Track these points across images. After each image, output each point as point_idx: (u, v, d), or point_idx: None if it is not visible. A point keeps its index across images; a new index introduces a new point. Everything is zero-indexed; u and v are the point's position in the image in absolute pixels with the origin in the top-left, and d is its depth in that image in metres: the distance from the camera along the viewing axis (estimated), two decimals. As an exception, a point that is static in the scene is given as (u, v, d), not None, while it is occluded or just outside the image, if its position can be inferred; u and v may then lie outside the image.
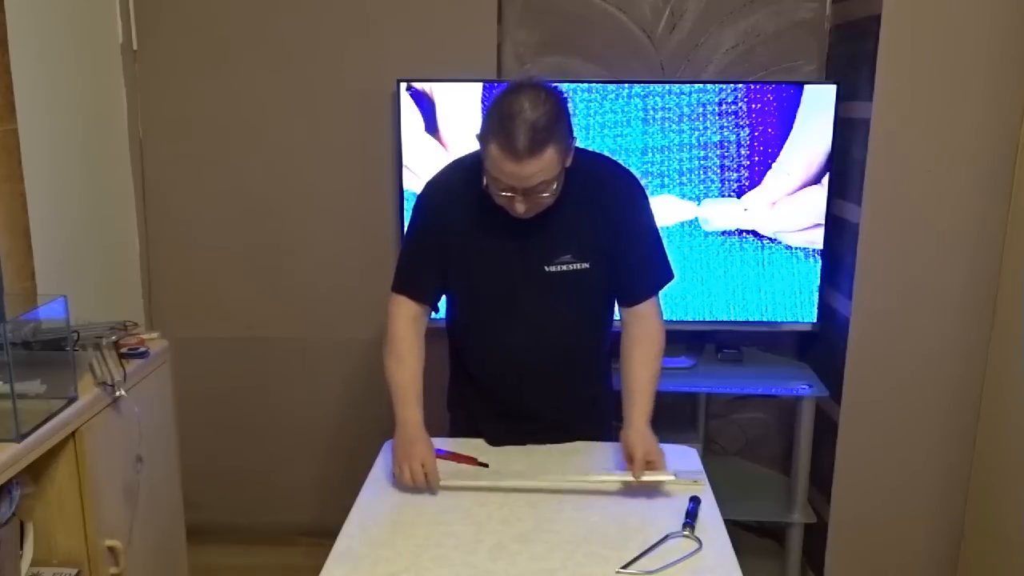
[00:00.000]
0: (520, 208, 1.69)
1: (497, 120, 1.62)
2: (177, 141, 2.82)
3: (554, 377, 1.91)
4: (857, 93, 2.46)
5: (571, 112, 1.70)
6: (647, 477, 1.69)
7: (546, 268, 1.81)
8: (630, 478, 1.69)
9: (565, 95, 1.68)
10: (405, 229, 1.98)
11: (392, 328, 1.88)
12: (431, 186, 1.90)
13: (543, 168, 1.62)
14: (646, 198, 1.89)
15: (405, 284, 1.89)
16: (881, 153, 2.34)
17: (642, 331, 1.86)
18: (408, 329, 1.87)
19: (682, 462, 1.85)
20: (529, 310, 1.85)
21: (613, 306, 1.94)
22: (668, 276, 1.91)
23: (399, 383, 1.84)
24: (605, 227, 1.82)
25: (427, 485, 1.69)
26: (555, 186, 1.69)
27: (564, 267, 1.81)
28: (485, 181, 1.70)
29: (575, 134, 1.72)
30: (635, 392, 1.81)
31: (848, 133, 2.51)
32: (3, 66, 2.04)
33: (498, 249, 1.81)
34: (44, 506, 1.79)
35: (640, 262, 1.87)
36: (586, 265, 1.82)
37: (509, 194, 1.68)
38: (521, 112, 1.59)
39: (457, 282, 1.88)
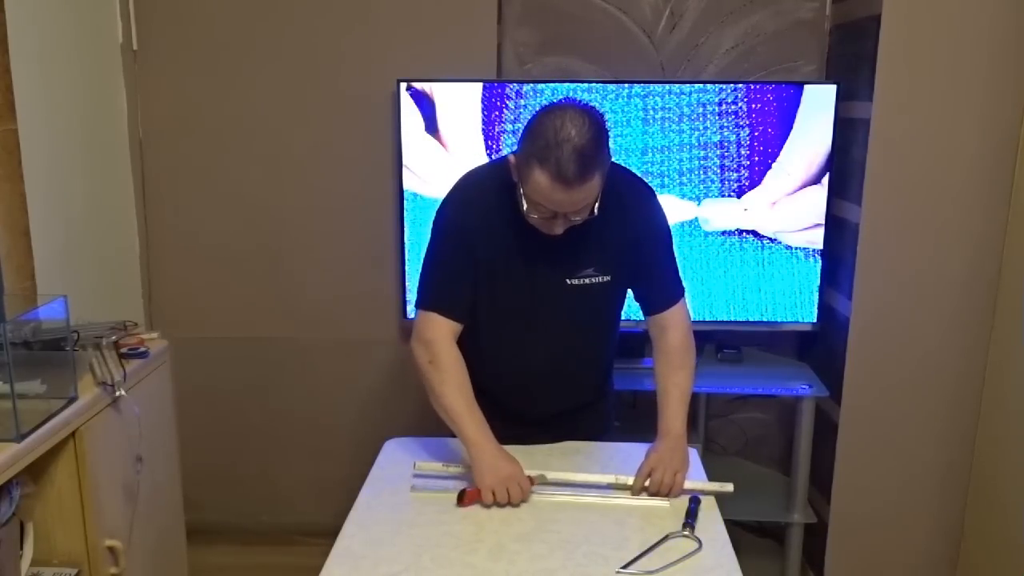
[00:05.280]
0: (559, 230, 1.68)
1: (543, 147, 1.57)
2: (177, 141, 2.82)
3: (563, 384, 1.91)
4: (857, 93, 2.46)
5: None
6: (642, 501, 1.69)
7: (568, 281, 1.80)
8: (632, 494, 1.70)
9: (603, 115, 1.64)
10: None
11: (432, 349, 1.77)
12: (453, 201, 1.84)
13: (589, 193, 1.61)
14: (657, 199, 1.88)
15: (439, 301, 1.80)
16: (881, 153, 2.34)
17: (667, 343, 1.87)
18: (450, 346, 1.78)
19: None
20: (546, 322, 1.84)
21: (622, 313, 1.94)
22: (680, 289, 1.92)
23: (457, 405, 1.74)
24: (626, 239, 1.81)
25: (521, 499, 1.66)
26: (596, 206, 1.67)
27: (586, 280, 1.80)
28: (525, 206, 1.66)
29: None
30: (661, 407, 1.83)
31: (848, 133, 2.51)
32: (3, 66, 2.04)
33: (521, 262, 1.79)
34: (44, 506, 1.79)
35: (663, 271, 1.88)
36: (608, 278, 1.81)
37: (547, 216, 1.66)
38: (569, 140, 1.55)
39: (477, 294, 1.85)
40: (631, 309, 1.94)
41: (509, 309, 1.84)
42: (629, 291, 1.92)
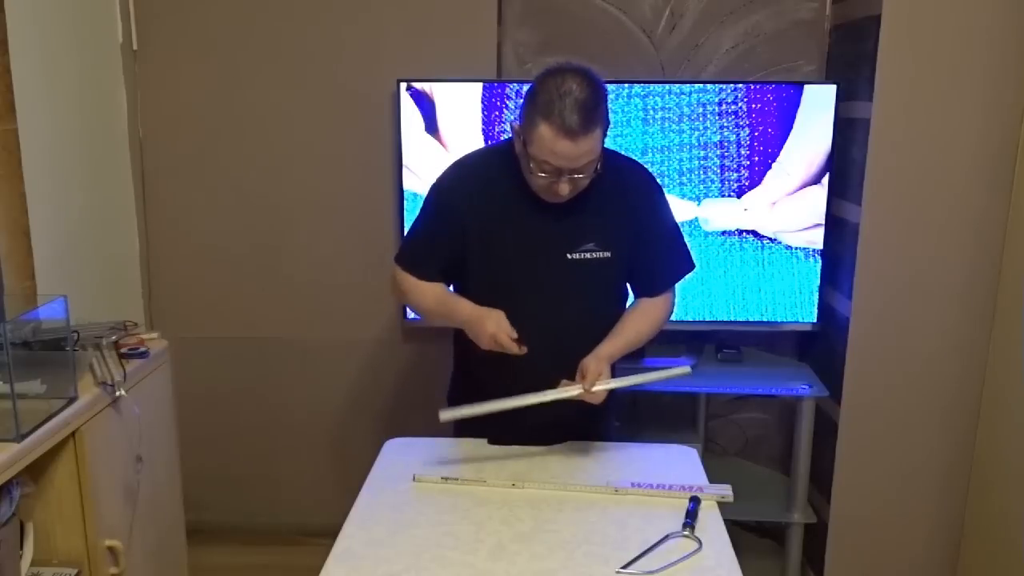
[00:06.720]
0: (564, 190, 1.70)
1: (546, 102, 1.63)
2: (177, 141, 2.82)
3: (564, 372, 1.90)
4: (857, 93, 2.46)
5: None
6: (599, 387, 1.74)
7: (568, 256, 1.81)
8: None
9: (601, 77, 1.69)
10: (415, 213, 1.93)
11: (403, 287, 1.91)
12: (450, 175, 1.88)
13: (592, 147, 1.66)
14: (663, 193, 1.92)
15: (413, 263, 1.89)
16: (881, 153, 2.34)
17: (648, 302, 1.91)
18: (419, 280, 1.90)
19: (682, 462, 1.86)
20: (547, 301, 1.84)
21: (626, 300, 1.95)
22: (687, 267, 1.94)
23: (436, 302, 1.88)
24: (627, 218, 1.84)
25: (511, 341, 1.74)
26: (597, 167, 1.71)
27: (587, 255, 1.82)
28: (531, 166, 1.70)
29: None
30: (614, 333, 1.84)
31: (848, 133, 2.51)
32: (3, 66, 2.04)
33: (521, 235, 1.81)
34: (44, 506, 1.79)
35: (659, 257, 1.90)
36: (608, 254, 1.83)
37: (553, 177, 1.69)
38: (570, 92, 1.62)
39: (475, 270, 1.86)
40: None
41: (508, 283, 1.84)
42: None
